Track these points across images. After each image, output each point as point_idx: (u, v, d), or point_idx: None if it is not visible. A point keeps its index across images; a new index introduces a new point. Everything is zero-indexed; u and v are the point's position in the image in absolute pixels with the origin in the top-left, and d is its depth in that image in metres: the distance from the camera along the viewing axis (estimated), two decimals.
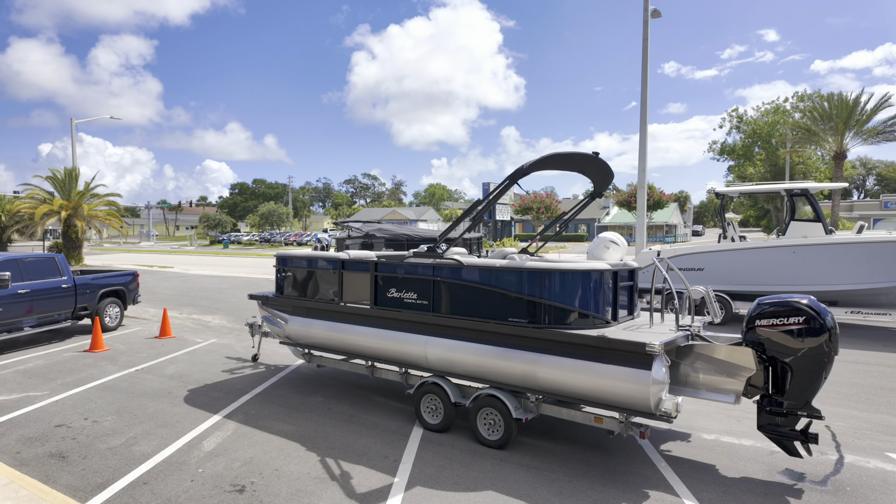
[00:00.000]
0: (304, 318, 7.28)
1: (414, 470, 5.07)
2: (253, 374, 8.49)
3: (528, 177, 6.72)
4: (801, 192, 11.62)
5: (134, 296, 13.14)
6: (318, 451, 5.49)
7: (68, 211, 29.34)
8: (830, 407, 6.92)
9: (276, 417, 6.47)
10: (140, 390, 7.60)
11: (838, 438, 5.95)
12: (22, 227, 28.82)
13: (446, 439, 5.80)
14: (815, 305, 4.75)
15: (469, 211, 6.00)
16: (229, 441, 5.76)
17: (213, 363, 9.16)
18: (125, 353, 9.88)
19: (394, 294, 6.35)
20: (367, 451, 5.49)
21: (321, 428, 6.14)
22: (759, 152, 48.92)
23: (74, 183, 30.68)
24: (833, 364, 4.79)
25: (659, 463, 5.28)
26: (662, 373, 4.72)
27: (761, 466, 5.24)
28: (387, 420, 6.38)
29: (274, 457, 5.36)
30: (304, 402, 7.02)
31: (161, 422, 6.34)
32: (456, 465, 5.18)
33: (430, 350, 6.00)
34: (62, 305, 11.05)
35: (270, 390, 7.57)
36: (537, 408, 5.53)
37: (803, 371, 4.77)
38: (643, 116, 16.00)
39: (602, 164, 6.46)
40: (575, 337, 5.02)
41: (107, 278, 12.32)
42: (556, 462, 5.26)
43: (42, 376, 8.33)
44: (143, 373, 8.54)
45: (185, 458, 5.34)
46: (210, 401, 7.12)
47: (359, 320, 6.71)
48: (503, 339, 5.53)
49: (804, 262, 11.17)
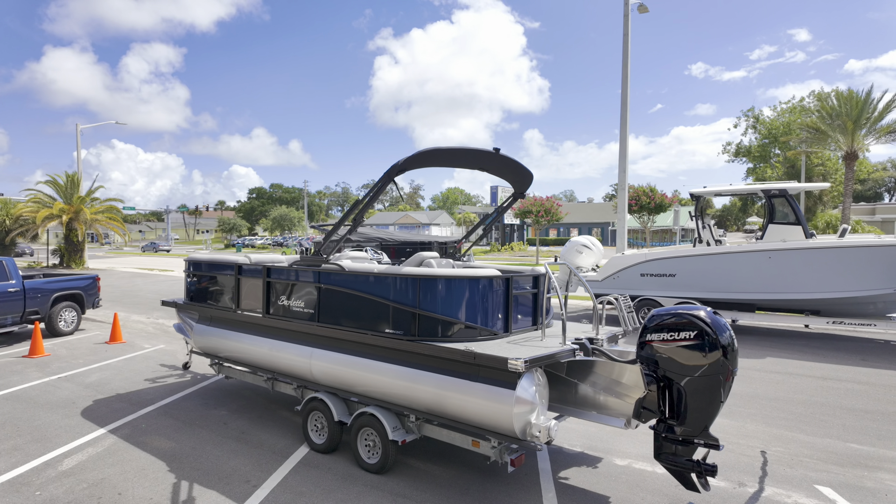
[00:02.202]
0: (206, 326, 6.88)
1: (269, 497, 4.60)
2: (175, 383, 8.13)
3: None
4: (779, 192, 10.83)
5: (94, 300, 12.97)
6: (178, 473, 5.06)
7: (69, 215, 29.71)
8: (776, 429, 6.24)
9: (162, 433, 6.07)
10: (45, 400, 7.29)
11: (768, 467, 5.29)
12: (24, 230, 29.27)
13: (326, 462, 5.31)
14: (711, 319, 4.14)
15: (349, 212, 5.53)
16: (94, 459, 5.37)
17: (143, 371, 8.84)
18: (62, 360, 9.63)
19: (283, 302, 5.90)
20: (232, 474, 5.04)
21: (202, 446, 5.71)
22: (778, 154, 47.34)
23: (76, 187, 31.10)
24: (732, 385, 4.18)
25: (547, 493, 4.71)
26: (531, 392, 4.17)
27: (662, 500, 4.63)
28: (277, 438, 5.93)
29: (128, 478, 4.95)
30: (203, 416, 6.61)
31: (39, 436, 6.00)
32: (318, 492, 4.69)
33: (315, 363, 5.53)
34: (9, 309, 10.89)
35: (178, 402, 7.19)
36: (419, 429, 5.00)
37: (698, 393, 4.17)
38: (623, 116, 15.28)
39: (510, 162, 5.93)
40: (443, 351, 4.50)
41: (61, 282, 12.16)
42: (432, 490, 4.73)
43: None
44: (63, 381, 8.25)
45: (33, 478, 4.96)
46: (108, 413, 6.76)
47: (252, 329, 6.29)
48: (381, 352, 5.03)
49: (781, 268, 10.38)
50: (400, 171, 5.04)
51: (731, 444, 5.83)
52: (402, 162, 4.95)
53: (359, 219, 5.40)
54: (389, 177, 5.05)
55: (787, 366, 9.06)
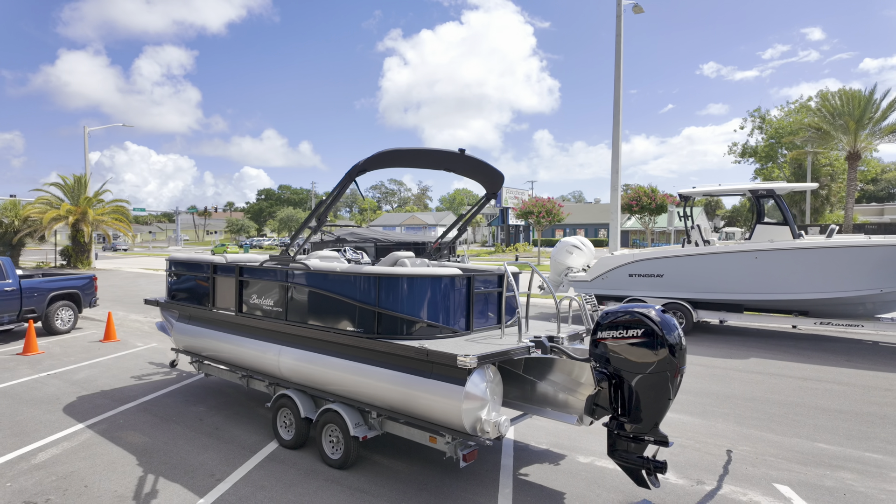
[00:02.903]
0: (185, 325, 7.02)
1: (230, 491, 4.70)
2: (160, 380, 8.28)
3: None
4: (766, 192, 10.80)
5: (91, 299, 13.20)
6: (147, 467, 5.18)
7: (76, 216, 30.16)
8: (746, 429, 6.25)
9: (138, 428, 6.21)
10: (31, 396, 7.46)
11: (731, 465, 5.31)
12: (31, 231, 29.76)
13: (293, 457, 5.41)
14: (659, 318, 4.18)
15: (313, 212, 5.62)
16: (67, 453, 5.51)
17: (131, 369, 9.00)
18: (54, 357, 9.83)
19: (255, 301, 6.02)
20: (198, 468, 5.15)
21: (174, 441, 5.84)
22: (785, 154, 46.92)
23: (84, 189, 31.56)
24: (680, 382, 4.22)
25: (504, 489, 4.77)
26: (481, 388, 4.23)
27: (617, 496, 4.68)
28: (249, 434, 6.04)
29: (97, 472, 5.08)
30: (180, 413, 6.74)
31: (18, 430, 6.16)
32: (279, 486, 4.79)
33: (283, 360, 5.63)
34: (5, 308, 11.12)
35: (159, 398, 7.33)
36: (381, 425, 5.08)
37: (648, 390, 4.21)
38: (616, 117, 15.24)
39: (476, 163, 5.99)
40: (399, 348, 4.58)
41: (58, 282, 12.39)
42: (390, 485, 4.81)
43: None
44: (52, 377, 8.44)
45: (6, 470, 5.11)
46: (89, 408, 6.91)
47: (227, 328, 6.41)
48: (344, 349, 5.12)
49: (768, 269, 10.35)
50: (360, 171, 5.13)
51: (697, 442, 5.85)
52: (363, 162, 5.04)
53: (322, 219, 5.50)
54: (350, 177, 5.14)
55: (769, 366, 9.03)
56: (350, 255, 7.48)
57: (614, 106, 15.31)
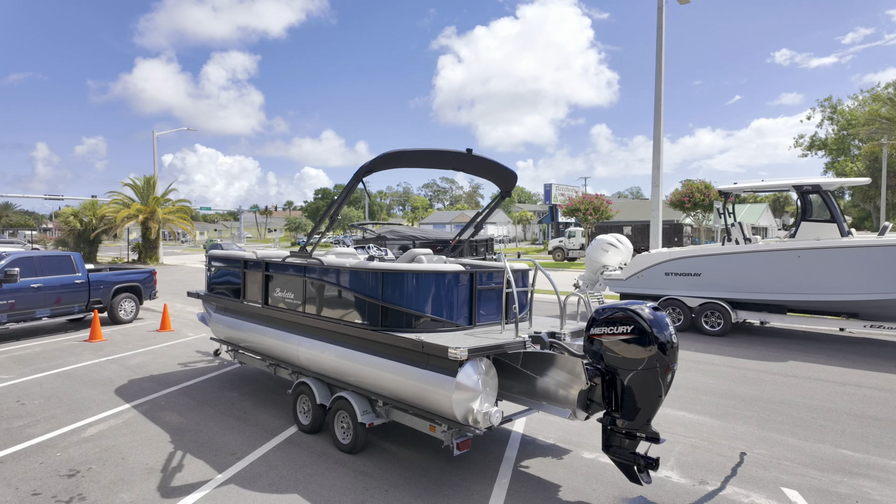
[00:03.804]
0: (220, 316, 7.55)
1: (245, 468, 5.09)
2: (202, 367, 8.92)
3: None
4: (812, 188, 10.28)
5: (150, 292, 14.26)
6: (177, 444, 5.68)
7: (145, 215, 32.39)
8: (767, 432, 6.08)
9: (176, 410, 6.77)
10: (89, 378, 8.25)
11: (741, 467, 5.21)
12: (107, 228, 32.22)
13: (308, 441, 5.77)
14: (650, 316, 4.20)
15: (326, 212, 5.93)
16: (112, 429, 6.11)
17: (179, 356, 9.73)
18: (115, 345, 10.75)
19: (278, 294, 6.42)
20: (221, 447, 5.60)
21: (205, 422, 6.33)
22: (860, 146, 43.75)
23: (152, 189, 33.83)
24: (671, 380, 4.23)
25: (502, 479, 4.92)
26: (473, 380, 4.40)
27: (613, 491, 4.72)
28: (273, 419, 6.46)
29: (135, 446, 5.62)
30: (215, 397, 7.27)
31: (75, 407, 6.85)
32: (291, 466, 5.14)
33: (301, 350, 6.00)
34: (76, 299, 12.24)
35: (199, 384, 7.92)
36: (387, 414, 5.34)
37: (638, 387, 4.25)
38: (658, 111, 14.79)
39: (485, 162, 6.12)
40: (400, 340, 4.81)
41: (122, 275, 13.48)
42: (393, 470, 5.06)
43: (25, 362, 9.29)
44: (110, 362, 9.26)
45: (59, 441, 5.74)
46: (137, 390, 7.58)
47: (255, 319, 6.86)
48: (353, 341, 5.41)
49: (813, 268, 9.86)
50: (367, 172, 5.39)
51: (711, 444, 5.76)
52: (369, 163, 5.30)
53: (335, 217, 5.81)
54: (358, 178, 5.41)
55: (806, 370, 8.64)
56: (374, 251, 7.78)
57: (655, 100, 14.89)
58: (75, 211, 33.60)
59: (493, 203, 6.96)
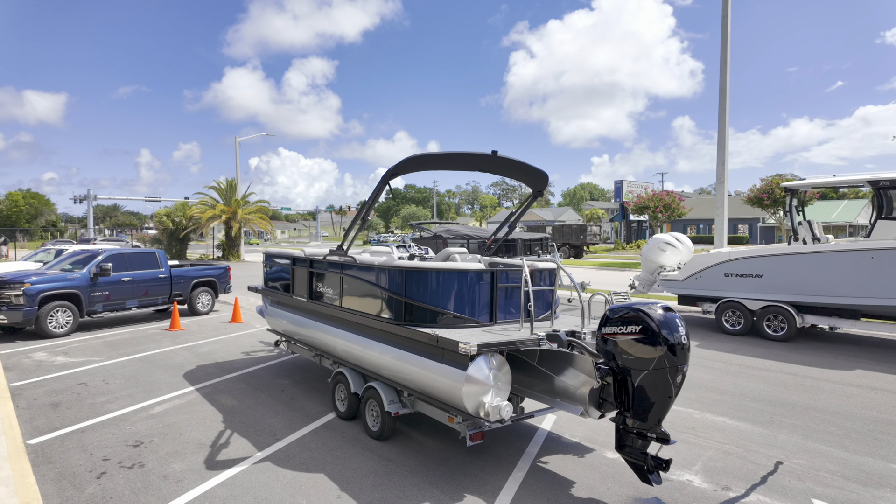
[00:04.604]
0: (274, 308, 8.16)
1: (282, 449, 5.56)
2: (262, 356, 9.65)
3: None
4: (891, 183, 9.45)
5: (225, 286, 15.47)
6: (228, 424, 6.26)
7: (228, 215, 34.84)
8: (812, 443, 5.78)
9: (232, 393, 7.42)
10: (164, 363, 9.18)
11: (773, 476, 5.03)
12: (194, 228, 34.99)
13: (343, 427, 6.17)
14: (660, 316, 4.18)
15: (358, 214, 6.27)
16: (175, 408, 6.82)
17: (244, 346, 10.56)
18: (191, 334, 11.82)
19: (320, 289, 6.88)
20: (265, 429, 6.11)
21: (255, 406, 6.91)
22: None
23: (234, 191, 36.31)
24: (682, 381, 4.19)
25: (518, 472, 5.05)
26: (484, 374, 4.57)
27: (627, 492, 4.72)
28: (316, 405, 6.93)
29: (192, 424, 6.26)
30: (268, 384, 7.88)
31: (148, 388, 7.69)
32: (322, 449, 5.55)
33: (338, 342, 6.42)
34: (159, 291, 13.54)
35: (256, 371, 8.61)
36: (412, 404, 5.62)
37: (648, 387, 4.25)
38: (722, 103, 13.99)
39: (512, 163, 6.22)
40: (419, 335, 5.06)
41: (200, 271, 14.73)
42: (415, 458, 5.33)
43: (114, 346, 10.46)
44: (183, 349, 10.22)
45: (133, 416, 6.50)
46: (202, 375, 8.36)
47: (302, 312, 7.37)
48: (380, 334, 5.73)
49: (889, 270, 9.09)
50: (392, 175, 5.68)
51: (746, 451, 5.57)
52: (394, 167, 5.59)
53: (365, 217, 6.15)
54: (385, 181, 5.72)
55: (873, 380, 8.00)
56: (414, 250, 8.10)
57: (720, 93, 14.07)
58: (168, 211, 36.76)
59: (525, 203, 7.05)
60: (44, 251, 16.97)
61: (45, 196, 68.58)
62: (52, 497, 4.56)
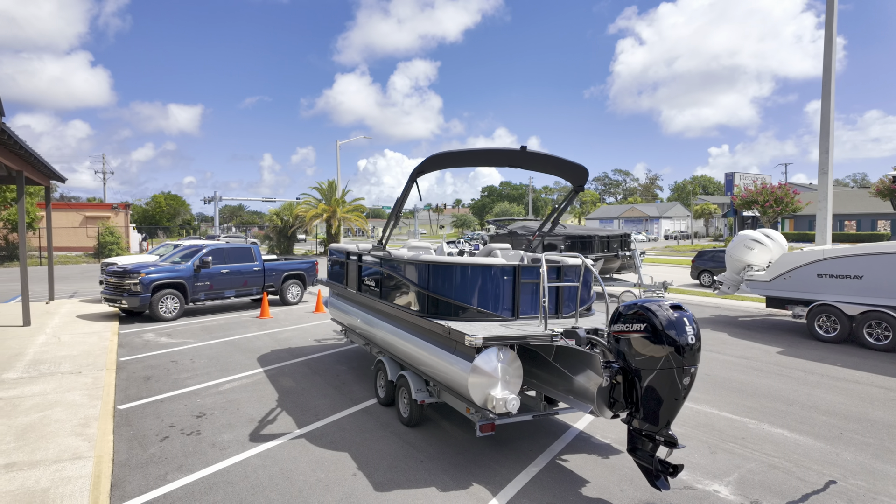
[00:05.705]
0: (333, 299, 8.74)
1: (319, 427, 6.01)
2: (330, 344, 10.35)
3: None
4: None
5: (313, 279, 16.64)
6: (280, 403, 6.87)
7: (328, 214, 37.18)
8: (880, 463, 5.17)
9: (293, 376, 8.09)
10: (247, 346, 10.17)
11: (818, 495, 4.60)
12: (300, 226, 37.76)
13: (380, 412, 6.51)
14: (665, 315, 4.01)
15: (393, 211, 6.52)
16: (241, 386, 7.60)
17: (317, 334, 11.37)
18: (277, 321, 12.93)
19: (366, 282, 7.29)
20: (310, 409, 6.63)
21: (310, 388, 7.49)
22: None
23: (334, 192, 38.64)
24: (691, 383, 3.99)
25: (534, 467, 5.06)
26: (491, 366, 4.65)
27: (642, 496, 4.57)
28: (362, 391, 7.37)
29: (250, 401, 6.95)
30: (327, 369, 8.48)
31: (225, 368, 8.60)
32: (355, 430, 5.92)
33: (378, 332, 6.78)
34: (254, 283, 14.92)
35: (320, 357, 9.27)
36: (438, 394, 5.81)
37: (656, 388, 4.10)
38: (826, 83, 12.39)
39: (543, 157, 6.16)
40: (436, 327, 5.23)
41: (290, 264, 15.99)
42: (437, 445, 5.52)
43: (208, 330, 11.76)
44: (265, 335, 11.24)
45: (204, 391, 7.36)
46: (273, 358, 9.18)
47: (352, 303, 7.85)
48: (409, 325, 5.98)
49: None
50: (420, 173, 5.87)
51: (797, 466, 5.11)
52: (421, 165, 5.78)
53: (399, 215, 6.42)
54: (412, 179, 5.93)
55: None
56: (463, 245, 8.27)
57: (824, 71, 12.46)
58: (278, 211, 39.99)
59: (566, 198, 6.93)
60: (163, 246, 19.28)
61: (182, 198, 77.49)
62: (122, 453, 5.36)
